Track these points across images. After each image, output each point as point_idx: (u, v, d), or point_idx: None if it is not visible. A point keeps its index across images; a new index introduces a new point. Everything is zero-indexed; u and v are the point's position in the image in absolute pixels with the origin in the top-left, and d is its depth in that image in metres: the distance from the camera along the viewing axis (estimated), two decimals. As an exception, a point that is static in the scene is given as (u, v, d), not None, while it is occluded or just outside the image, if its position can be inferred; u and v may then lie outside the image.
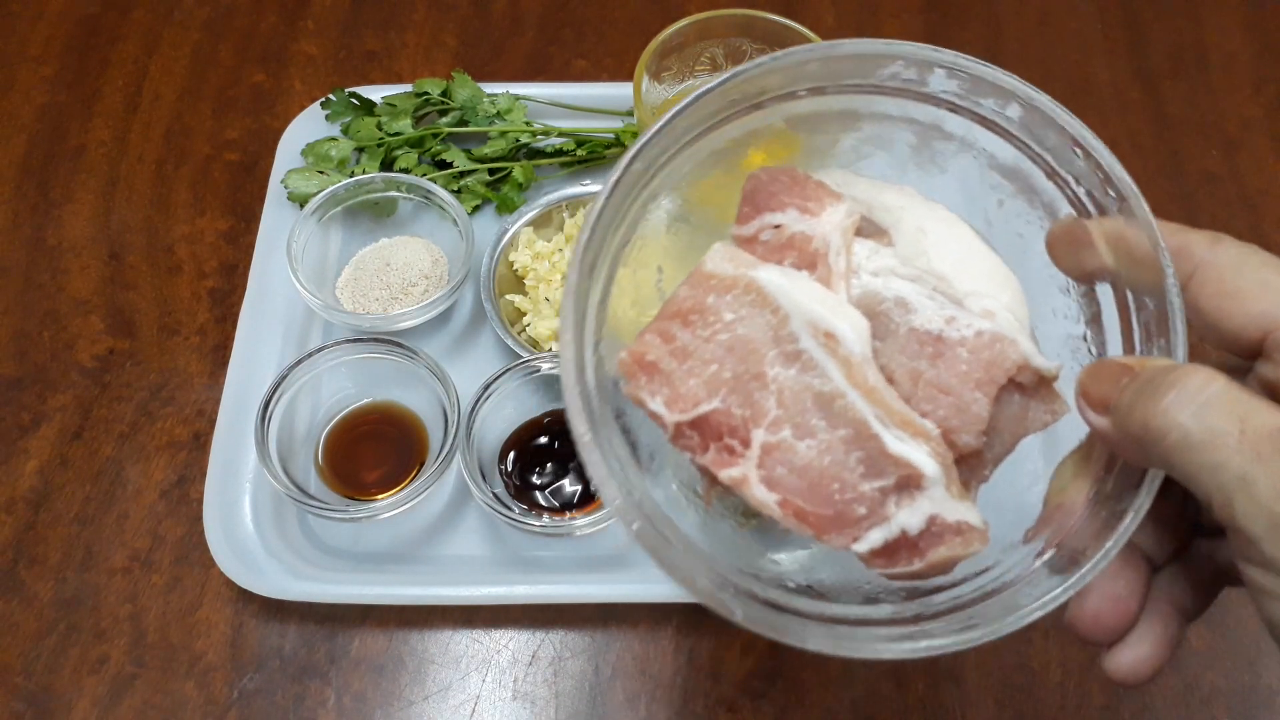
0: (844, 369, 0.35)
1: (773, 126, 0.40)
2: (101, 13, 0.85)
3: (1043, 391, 0.37)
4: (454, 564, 0.60)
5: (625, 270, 0.39)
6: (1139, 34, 0.87)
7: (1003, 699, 0.57)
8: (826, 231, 0.37)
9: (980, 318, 0.36)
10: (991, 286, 0.38)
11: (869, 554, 0.35)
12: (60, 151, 0.78)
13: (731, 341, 0.36)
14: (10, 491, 0.63)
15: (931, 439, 0.35)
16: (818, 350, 0.35)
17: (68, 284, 0.71)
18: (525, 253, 0.68)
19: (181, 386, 0.67)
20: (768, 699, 0.57)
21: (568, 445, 0.61)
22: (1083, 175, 0.37)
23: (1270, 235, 0.75)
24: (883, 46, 0.37)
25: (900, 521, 0.34)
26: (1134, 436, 0.30)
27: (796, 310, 0.35)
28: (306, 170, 0.71)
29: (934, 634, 0.34)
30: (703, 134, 0.39)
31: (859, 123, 0.41)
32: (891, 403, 0.35)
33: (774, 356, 0.35)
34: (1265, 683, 0.58)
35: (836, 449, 0.35)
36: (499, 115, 0.74)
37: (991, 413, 0.36)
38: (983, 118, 0.39)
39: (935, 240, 0.38)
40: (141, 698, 0.57)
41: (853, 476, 0.35)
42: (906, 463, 0.34)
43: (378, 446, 0.62)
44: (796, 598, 0.36)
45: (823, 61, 0.38)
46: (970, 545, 0.35)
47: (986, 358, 0.36)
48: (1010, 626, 0.35)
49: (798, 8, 0.87)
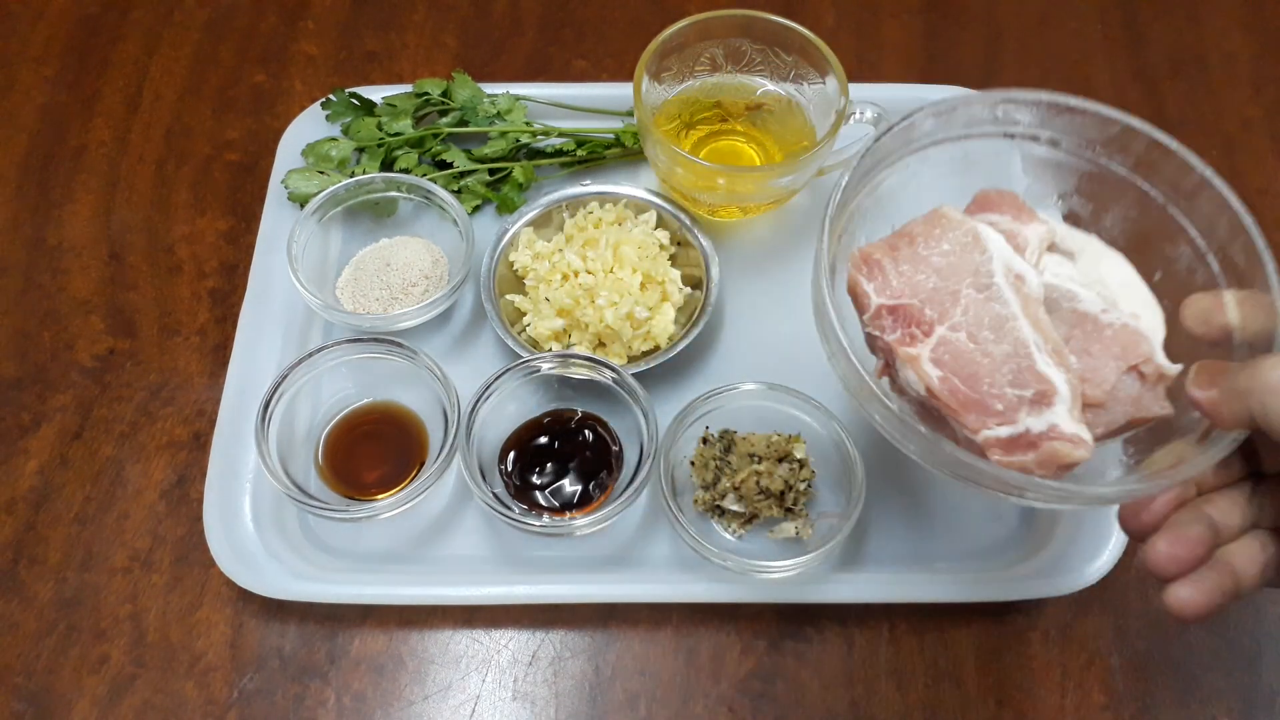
0: (1022, 302, 0.47)
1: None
2: (102, 13, 0.86)
3: (1159, 387, 0.48)
4: (454, 564, 0.60)
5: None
6: (1138, 34, 0.87)
7: (1003, 699, 0.57)
8: (1029, 235, 0.50)
9: (1129, 317, 0.48)
10: (1142, 309, 0.49)
11: (991, 441, 0.45)
12: (60, 152, 0.78)
13: (942, 263, 0.48)
14: (10, 491, 0.63)
15: (1070, 371, 0.46)
16: (1006, 285, 0.47)
17: (68, 284, 0.71)
18: (525, 253, 0.68)
19: (182, 386, 0.67)
20: (768, 699, 0.57)
21: (568, 445, 0.61)
22: (1225, 246, 0.48)
23: (1270, 235, 0.75)
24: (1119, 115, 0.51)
25: (1026, 424, 0.45)
26: (1239, 392, 0.40)
27: (1000, 254, 0.48)
28: (307, 170, 0.71)
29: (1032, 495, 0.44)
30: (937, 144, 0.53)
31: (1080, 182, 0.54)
32: (1050, 333, 0.47)
33: (970, 282, 0.48)
34: (1266, 683, 0.58)
35: (996, 356, 0.46)
36: (499, 115, 0.74)
37: (1115, 382, 0.47)
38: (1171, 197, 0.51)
39: (1107, 269, 0.51)
40: (141, 698, 0.57)
41: (1002, 379, 0.46)
42: (1047, 379, 0.45)
43: (378, 446, 0.62)
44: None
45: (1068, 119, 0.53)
46: (1078, 451, 0.44)
47: (1125, 341, 0.48)
48: (1097, 500, 0.44)
49: (797, 8, 0.87)
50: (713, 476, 0.60)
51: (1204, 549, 0.41)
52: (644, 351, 0.65)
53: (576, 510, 0.59)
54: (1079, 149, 0.53)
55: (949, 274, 0.48)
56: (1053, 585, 0.58)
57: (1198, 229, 0.50)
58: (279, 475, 0.57)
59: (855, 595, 0.58)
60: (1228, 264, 0.48)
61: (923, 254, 0.49)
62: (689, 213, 0.69)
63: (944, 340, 0.47)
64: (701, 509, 0.60)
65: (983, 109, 0.53)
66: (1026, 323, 0.46)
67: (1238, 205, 0.47)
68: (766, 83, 0.72)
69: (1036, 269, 0.50)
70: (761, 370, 0.63)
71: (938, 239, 0.49)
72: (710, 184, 0.66)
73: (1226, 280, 0.48)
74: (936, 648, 0.59)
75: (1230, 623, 0.60)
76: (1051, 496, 0.44)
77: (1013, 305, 0.47)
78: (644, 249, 0.66)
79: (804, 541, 0.59)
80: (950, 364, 0.46)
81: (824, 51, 0.67)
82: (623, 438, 0.61)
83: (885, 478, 0.62)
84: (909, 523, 0.61)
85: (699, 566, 0.57)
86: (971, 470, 0.44)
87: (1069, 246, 0.52)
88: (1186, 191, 0.50)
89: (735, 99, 0.73)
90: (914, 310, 0.48)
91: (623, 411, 0.61)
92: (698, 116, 0.73)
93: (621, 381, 0.59)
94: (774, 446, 0.60)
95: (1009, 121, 0.54)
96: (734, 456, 0.60)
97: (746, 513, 0.59)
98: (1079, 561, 0.58)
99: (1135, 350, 0.47)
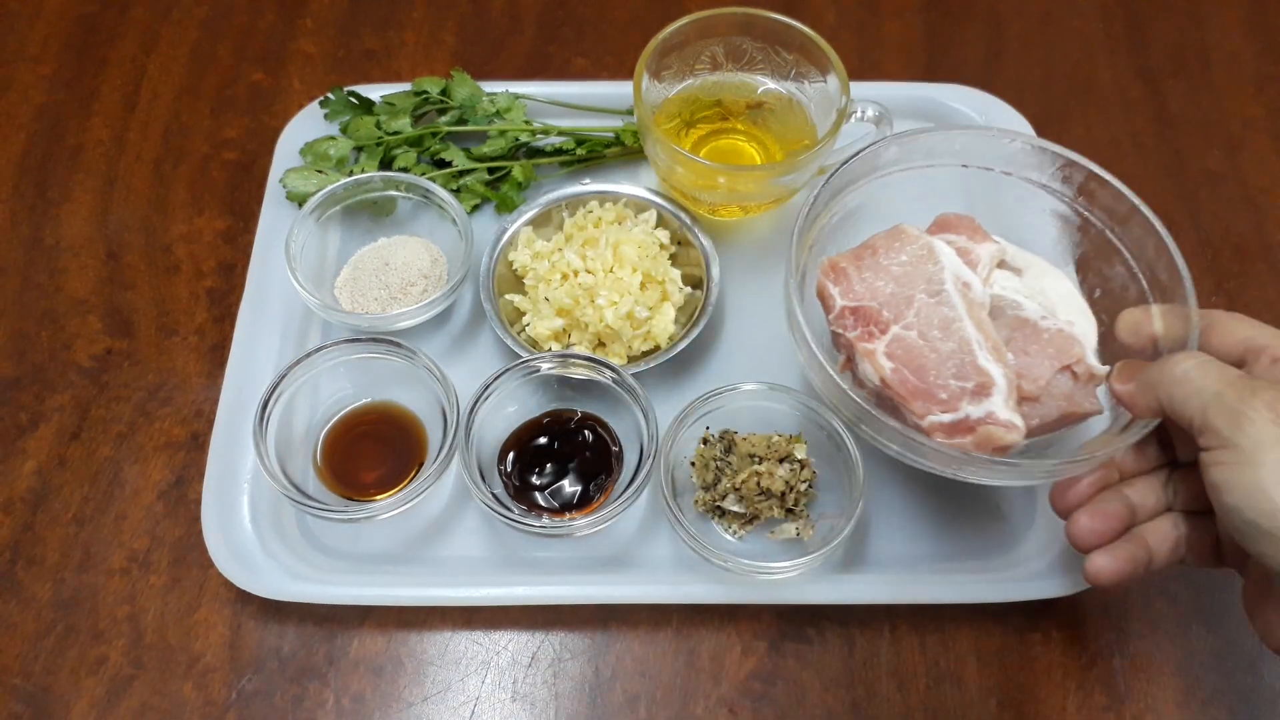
0: (967, 306, 0.54)
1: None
2: (99, 11, 0.85)
3: (1090, 386, 0.55)
4: (453, 565, 0.60)
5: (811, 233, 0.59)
6: (1141, 33, 0.86)
7: (1004, 700, 0.57)
8: (981, 253, 0.58)
9: (1065, 323, 0.56)
10: (1078, 317, 0.57)
11: (935, 425, 0.52)
12: (58, 151, 0.77)
13: (900, 272, 0.56)
14: (8, 492, 0.63)
15: (1008, 366, 0.53)
16: (954, 292, 0.55)
17: (65, 284, 0.71)
18: (525, 252, 0.68)
19: (180, 387, 0.67)
20: (768, 700, 0.57)
21: (567, 446, 0.61)
22: (1156, 269, 0.55)
23: (1272, 234, 0.75)
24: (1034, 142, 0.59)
25: (966, 411, 0.52)
26: (1150, 384, 0.47)
27: (950, 265, 0.55)
28: (305, 169, 0.71)
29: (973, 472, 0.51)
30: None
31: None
32: (991, 334, 0.54)
33: (923, 288, 0.55)
34: (1267, 684, 0.58)
35: (943, 352, 0.53)
36: (498, 114, 0.73)
37: (1049, 379, 0.54)
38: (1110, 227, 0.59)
39: (1049, 284, 0.59)
40: (140, 699, 0.57)
41: (946, 372, 0.53)
42: (987, 373, 0.52)
43: (376, 447, 0.62)
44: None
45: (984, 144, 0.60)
46: (1010, 435, 0.51)
47: (1060, 344, 0.55)
48: (1024, 476, 0.52)
49: (798, 6, 0.87)
50: (713, 477, 0.59)
51: (1120, 523, 0.48)
52: (644, 351, 0.65)
53: (576, 511, 0.59)
54: (1029, 180, 0.61)
55: (905, 281, 0.55)
56: (1054, 586, 0.57)
57: (1130, 250, 0.57)
58: (277, 476, 0.56)
59: (856, 596, 0.58)
60: (1154, 281, 0.55)
61: (883, 264, 0.56)
62: (689, 212, 0.69)
63: (897, 338, 0.54)
64: (702, 509, 0.60)
65: (941, 140, 0.60)
66: (971, 324, 0.53)
67: (1162, 229, 0.55)
68: (767, 81, 0.72)
69: (987, 282, 0.57)
70: (762, 370, 0.63)
71: (897, 251, 0.56)
72: (711, 183, 0.66)
73: (1154, 295, 0.55)
74: (937, 648, 0.58)
75: (1232, 623, 0.60)
76: (984, 473, 0.50)
77: (959, 309, 0.54)
78: (644, 248, 0.66)
79: (805, 542, 0.59)
80: (902, 357, 0.54)
81: (825, 50, 0.67)
82: (623, 438, 0.61)
83: (886, 478, 0.62)
84: (910, 524, 0.61)
85: (699, 567, 0.57)
86: (917, 447, 0.50)
87: (1017, 264, 0.60)
88: (1120, 217, 0.57)
89: (736, 97, 0.73)
90: (873, 311, 0.55)
91: (623, 412, 0.61)
92: (698, 115, 0.73)
93: (621, 381, 0.59)
94: (774, 447, 0.60)
95: (965, 154, 0.61)
96: (734, 457, 0.60)
97: (747, 513, 0.59)
98: (1081, 562, 0.58)
99: (1068, 352, 0.54)
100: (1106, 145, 0.79)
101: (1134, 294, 0.57)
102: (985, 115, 0.76)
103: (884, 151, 0.59)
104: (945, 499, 0.62)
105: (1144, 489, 0.49)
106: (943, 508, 0.62)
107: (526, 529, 0.56)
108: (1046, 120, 0.79)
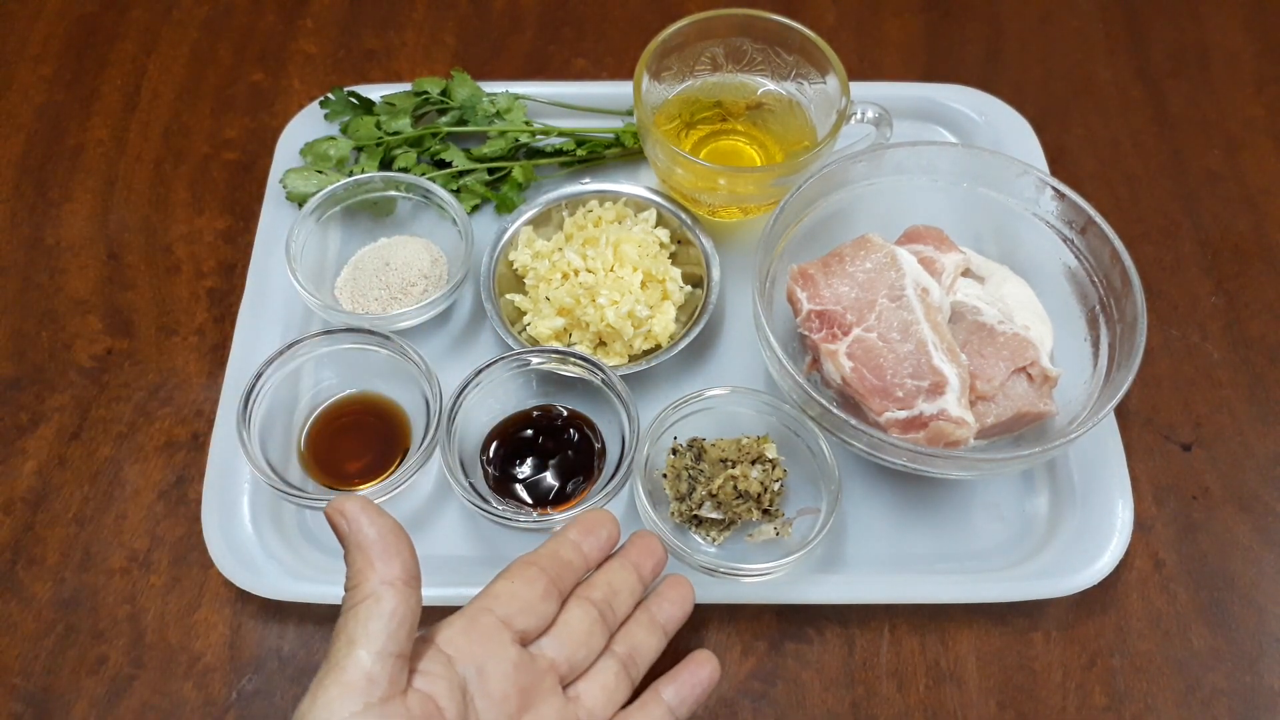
0: (925, 309, 0.58)
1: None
2: (100, 11, 0.85)
3: (1044, 388, 0.59)
4: (453, 565, 0.59)
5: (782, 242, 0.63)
6: (1141, 33, 0.87)
7: (1004, 700, 0.57)
8: (946, 262, 0.61)
9: (1021, 328, 0.60)
10: (1035, 322, 0.61)
11: (891, 422, 0.56)
12: (58, 151, 0.77)
13: (864, 279, 0.59)
14: (8, 492, 0.63)
15: (961, 367, 0.57)
16: (914, 297, 0.58)
17: (66, 284, 0.71)
18: (525, 252, 0.68)
19: (180, 386, 0.67)
20: (768, 699, 0.57)
21: (550, 441, 0.61)
22: (1111, 277, 0.60)
23: (1272, 234, 0.75)
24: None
25: (921, 408, 0.55)
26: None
27: (911, 273, 0.59)
28: (305, 169, 0.71)
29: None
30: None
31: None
32: (946, 336, 0.57)
33: (885, 294, 0.58)
34: (1267, 684, 0.58)
35: (900, 353, 0.57)
36: (498, 114, 0.73)
37: (1004, 380, 0.58)
38: (1067, 238, 0.63)
39: (1009, 291, 0.63)
40: (140, 699, 0.57)
41: (903, 371, 0.56)
42: (941, 372, 0.55)
43: (360, 437, 0.62)
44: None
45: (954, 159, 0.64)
46: (960, 430, 0.55)
47: (1015, 347, 0.59)
48: (971, 470, 0.55)
49: (798, 7, 0.87)
50: (686, 487, 0.59)
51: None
52: (645, 350, 0.65)
53: (553, 506, 0.59)
54: (993, 191, 0.64)
55: (869, 287, 0.59)
56: (1054, 586, 0.57)
57: (1090, 259, 0.62)
58: (259, 462, 0.56)
59: (856, 596, 0.58)
60: (1109, 287, 0.60)
61: (849, 270, 0.59)
62: (689, 211, 0.69)
63: (859, 339, 0.57)
64: (678, 520, 0.59)
65: (907, 154, 0.63)
66: (928, 327, 0.57)
67: (1115, 239, 0.59)
68: (767, 82, 0.72)
69: (950, 289, 0.61)
70: (763, 370, 0.63)
71: (863, 259, 0.60)
72: (711, 184, 0.66)
73: (1110, 303, 0.60)
74: (937, 648, 0.58)
75: (1232, 624, 0.60)
76: (940, 466, 0.54)
77: (918, 313, 0.57)
78: (644, 247, 0.66)
79: (784, 541, 0.58)
80: (862, 358, 0.57)
81: (825, 50, 0.67)
82: (607, 437, 0.61)
83: (886, 479, 0.62)
84: (910, 523, 0.61)
85: (692, 570, 0.57)
86: (876, 443, 0.54)
87: (981, 273, 0.64)
88: (1079, 228, 0.61)
89: (736, 98, 0.73)
90: (837, 315, 0.58)
91: (607, 410, 0.61)
92: (698, 116, 0.73)
93: (606, 380, 0.59)
94: (745, 449, 0.59)
95: (931, 168, 0.64)
96: (705, 464, 0.59)
97: (725, 519, 0.58)
98: (1080, 562, 0.58)
99: (1023, 354, 0.58)
100: (1106, 145, 0.80)
101: (1093, 299, 0.61)
102: (985, 116, 0.76)
103: (853, 166, 0.63)
104: (944, 499, 0.62)
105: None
106: (943, 508, 0.62)
107: (506, 523, 0.56)
108: (1046, 120, 0.79)
